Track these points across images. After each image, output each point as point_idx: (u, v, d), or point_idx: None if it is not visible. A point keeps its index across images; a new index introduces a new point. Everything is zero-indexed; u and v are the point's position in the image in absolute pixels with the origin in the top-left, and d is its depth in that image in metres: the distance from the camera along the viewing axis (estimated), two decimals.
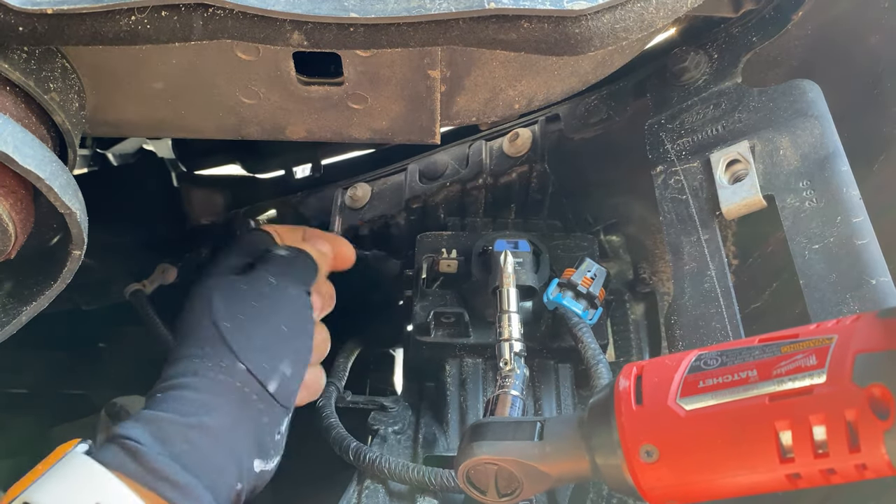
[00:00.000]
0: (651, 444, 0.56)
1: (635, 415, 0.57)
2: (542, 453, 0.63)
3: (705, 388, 0.55)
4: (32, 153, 0.60)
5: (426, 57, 0.71)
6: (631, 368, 0.60)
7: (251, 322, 0.81)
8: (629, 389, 0.58)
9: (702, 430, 0.54)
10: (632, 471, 0.57)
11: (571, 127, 1.03)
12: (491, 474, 0.65)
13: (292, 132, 0.81)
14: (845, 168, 0.76)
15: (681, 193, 0.84)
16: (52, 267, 0.70)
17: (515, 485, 0.64)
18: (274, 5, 0.64)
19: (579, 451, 0.61)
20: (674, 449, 0.55)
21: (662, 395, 0.56)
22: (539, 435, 0.63)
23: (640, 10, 0.68)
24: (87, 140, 1.18)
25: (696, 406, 0.54)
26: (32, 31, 0.64)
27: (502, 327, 0.83)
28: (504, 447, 0.64)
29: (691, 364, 0.57)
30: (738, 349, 0.55)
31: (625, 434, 0.57)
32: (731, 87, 0.88)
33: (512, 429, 0.65)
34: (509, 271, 0.86)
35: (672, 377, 0.56)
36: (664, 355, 0.61)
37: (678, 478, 0.55)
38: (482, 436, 0.65)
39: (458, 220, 1.07)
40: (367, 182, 1.13)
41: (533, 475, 0.63)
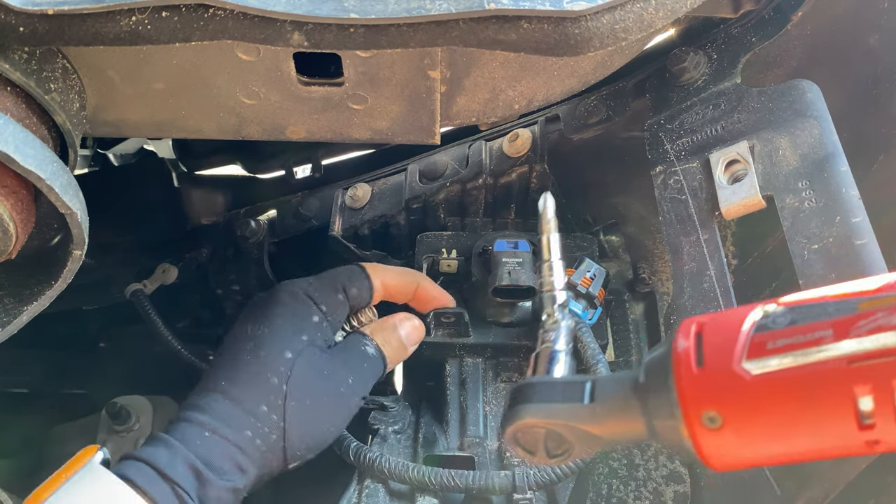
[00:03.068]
0: (714, 410, 0.52)
1: (696, 379, 0.52)
2: (592, 415, 0.59)
3: (774, 349, 0.50)
4: (33, 153, 0.60)
5: (426, 57, 0.71)
6: (689, 325, 0.55)
7: (313, 412, 0.80)
8: (689, 350, 0.53)
9: (771, 395, 0.50)
10: (692, 437, 0.53)
11: (571, 127, 1.03)
12: (540, 436, 0.62)
13: (292, 132, 0.81)
14: (844, 168, 0.76)
15: (680, 193, 0.84)
16: (52, 267, 0.70)
17: (566, 446, 0.61)
18: (274, 6, 0.64)
19: (634, 413, 0.57)
20: (739, 416, 0.51)
21: (726, 357, 0.52)
22: (590, 396, 0.60)
23: (640, 10, 0.68)
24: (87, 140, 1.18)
25: (764, 369, 0.50)
26: (33, 32, 0.64)
27: (543, 278, 0.76)
28: (552, 409, 0.61)
29: (757, 322, 0.52)
30: (810, 305, 0.51)
31: (685, 399, 0.53)
32: (730, 87, 0.89)
33: (560, 389, 0.62)
34: (550, 216, 0.78)
35: (736, 337, 0.52)
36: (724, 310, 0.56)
37: (743, 445, 0.52)
38: (528, 398, 0.62)
39: (458, 220, 1.07)
40: (367, 182, 1.13)
41: (583, 437, 0.60)
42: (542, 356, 0.71)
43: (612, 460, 0.90)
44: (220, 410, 0.76)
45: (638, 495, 0.86)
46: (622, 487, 0.88)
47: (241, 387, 0.78)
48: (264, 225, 1.23)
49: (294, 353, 0.80)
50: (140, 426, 1.11)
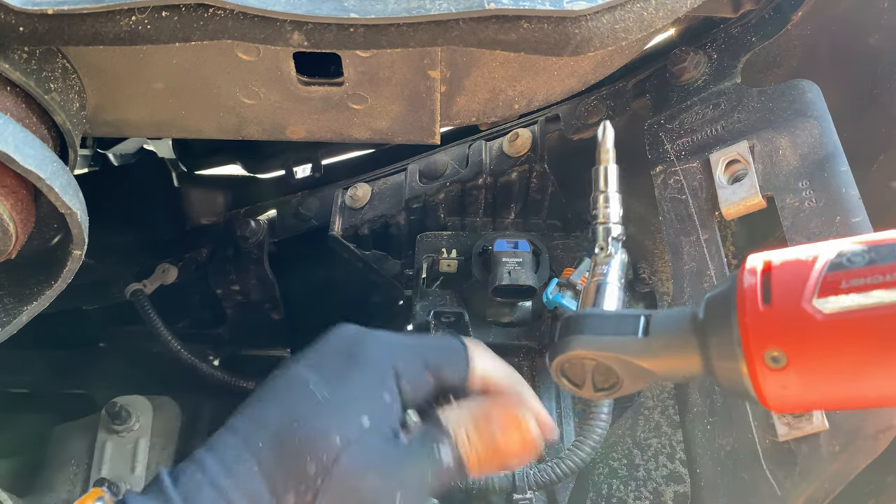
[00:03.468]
0: (779, 348, 0.49)
1: (762, 316, 0.50)
2: (647, 350, 0.57)
3: (849, 288, 0.48)
4: (33, 153, 0.60)
5: (426, 57, 0.71)
6: (756, 261, 0.53)
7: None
8: (756, 287, 0.51)
9: (842, 336, 0.48)
10: (752, 376, 0.51)
11: (571, 127, 1.03)
12: (588, 369, 0.60)
13: (292, 132, 0.81)
14: (844, 168, 0.76)
15: (680, 193, 0.84)
16: (52, 267, 0.70)
17: (614, 380, 0.59)
18: (274, 6, 0.64)
19: (690, 350, 0.55)
20: (806, 356, 0.49)
21: (796, 294, 0.49)
22: (644, 330, 0.58)
23: (640, 10, 0.68)
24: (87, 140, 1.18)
25: (837, 309, 0.48)
26: (33, 32, 0.64)
27: (598, 209, 0.73)
28: (605, 342, 0.59)
29: (831, 261, 0.50)
30: (890, 245, 0.49)
31: (748, 336, 0.50)
32: (730, 87, 0.89)
33: (613, 322, 0.60)
34: (608, 146, 0.74)
35: (807, 275, 0.49)
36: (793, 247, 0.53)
37: (806, 386, 0.50)
38: (580, 329, 0.60)
39: (458, 220, 1.07)
40: (367, 182, 1.13)
41: (635, 372, 0.58)
42: (593, 288, 0.68)
43: (613, 460, 0.90)
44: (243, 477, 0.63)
45: (638, 495, 0.86)
46: (622, 487, 0.88)
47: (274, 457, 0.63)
48: (264, 225, 1.23)
49: (345, 441, 0.63)
50: (140, 426, 1.11)
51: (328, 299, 1.29)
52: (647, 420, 0.92)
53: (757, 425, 0.69)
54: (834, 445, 0.64)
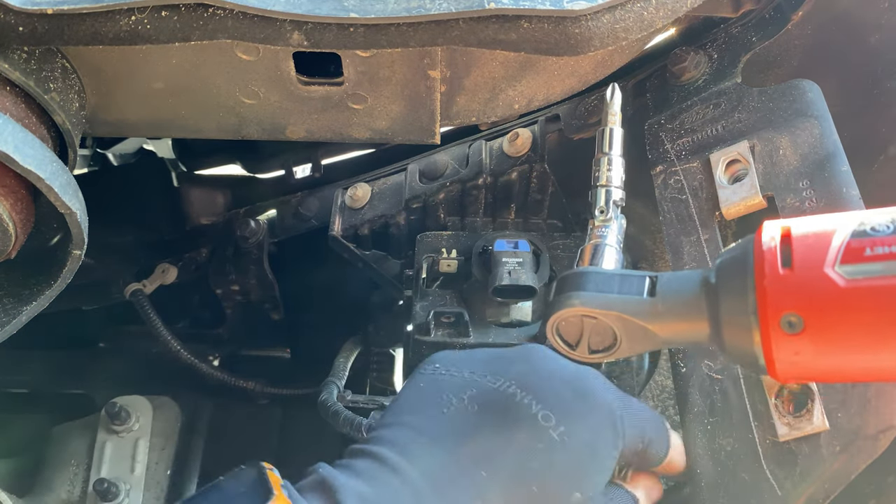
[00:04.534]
0: (797, 313, 0.48)
1: (781, 279, 0.49)
2: (653, 311, 0.55)
3: (874, 256, 0.47)
4: (33, 153, 0.60)
5: (426, 57, 0.71)
6: (774, 226, 0.52)
7: None
8: (775, 250, 0.50)
9: (864, 303, 0.47)
10: (765, 340, 0.49)
11: (571, 127, 1.03)
12: (586, 328, 0.57)
13: (292, 132, 0.81)
14: (845, 168, 0.76)
15: (680, 193, 0.84)
16: (52, 267, 0.70)
17: (610, 342, 0.57)
18: (274, 5, 0.64)
19: (699, 312, 0.54)
20: (825, 321, 0.48)
21: (817, 259, 0.48)
22: (649, 291, 0.56)
23: (640, 10, 0.68)
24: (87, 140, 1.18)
25: (861, 275, 0.47)
26: (32, 32, 0.64)
27: (600, 171, 0.71)
28: (609, 300, 0.56)
29: (854, 229, 0.49)
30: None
31: (765, 299, 0.49)
32: (730, 87, 0.88)
33: (617, 281, 0.57)
34: (615, 109, 0.73)
35: (829, 240, 0.48)
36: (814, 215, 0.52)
37: (820, 354, 0.49)
38: (581, 286, 0.57)
39: (458, 220, 1.07)
40: (367, 182, 1.13)
41: (636, 334, 0.56)
42: (590, 249, 0.66)
43: None
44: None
45: None
46: None
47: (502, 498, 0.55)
48: (264, 225, 1.23)
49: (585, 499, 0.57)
50: (139, 426, 1.11)
51: (328, 299, 1.29)
52: None
53: (757, 425, 0.68)
54: (834, 446, 0.64)
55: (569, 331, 0.58)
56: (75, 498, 1.08)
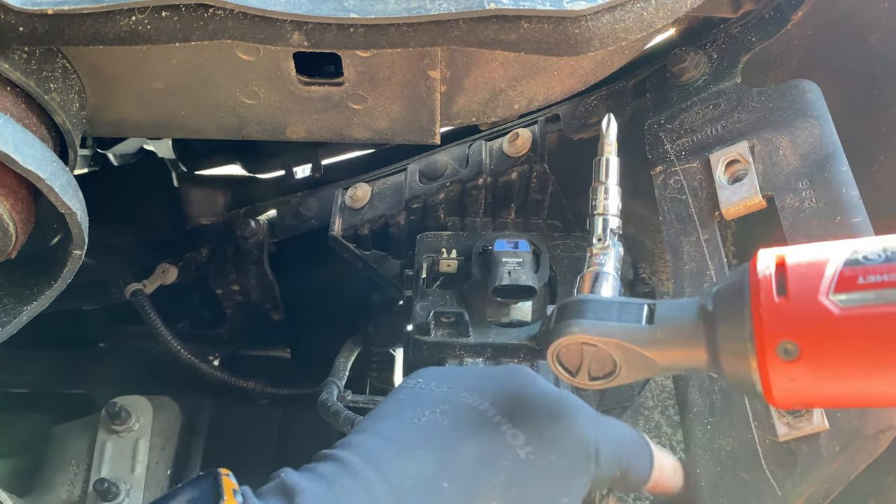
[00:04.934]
0: (793, 340, 0.49)
1: (777, 308, 0.50)
2: (652, 338, 0.56)
3: (867, 284, 0.48)
4: (33, 153, 0.60)
5: (426, 57, 0.71)
6: (769, 255, 0.52)
7: None
8: (770, 279, 0.51)
9: (858, 331, 0.48)
10: (762, 367, 0.50)
11: (571, 127, 1.03)
12: (586, 355, 0.58)
13: (292, 132, 0.81)
14: (845, 168, 0.76)
15: (680, 193, 0.84)
16: (52, 267, 0.70)
17: (610, 369, 0.58)
18: (274, 6, 0.64)
19: (696, 339, 0.55)
20: (820, 349, 0.49)
21: (812, 287, 0.49)
22: (647, 318, 0.57)
23: (640, 10, 0.68)
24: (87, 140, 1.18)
25: (854, 304, 0.48)
26: (33, 32, 0.64)
27: (597, 200, 0.72)
28: (608, 328, 0.57)
29: (846, 258, 0.50)
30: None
31: (762, 327, 0.50)
32: (730, 87, 0.88)
33: (616, 309, 0.58)
34: (611, 139, 0.73)
35: (823, 269, 0.49)
36: (807, 243, 0.53)
37: (816, 381, 0.50)
38: (580, 313, 0.58)
39: (458, 220, 1.07)
40: (367, 182, 1.13)
41: (635, 361, 0.57)
42: (590, 276, 0.66)
43: None
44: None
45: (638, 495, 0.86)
46: None
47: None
48: (264, 225, 1.23)
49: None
50: (140, 426, 1.12)
51: (328, 299, 1.29)
52: (647, 420, 0.92)
53: (757, 425, 0.69)
54: (834, 445, 0.64)
55: (569, 358, 0.59)
56: (75, 498, 1.08)
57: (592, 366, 0.59)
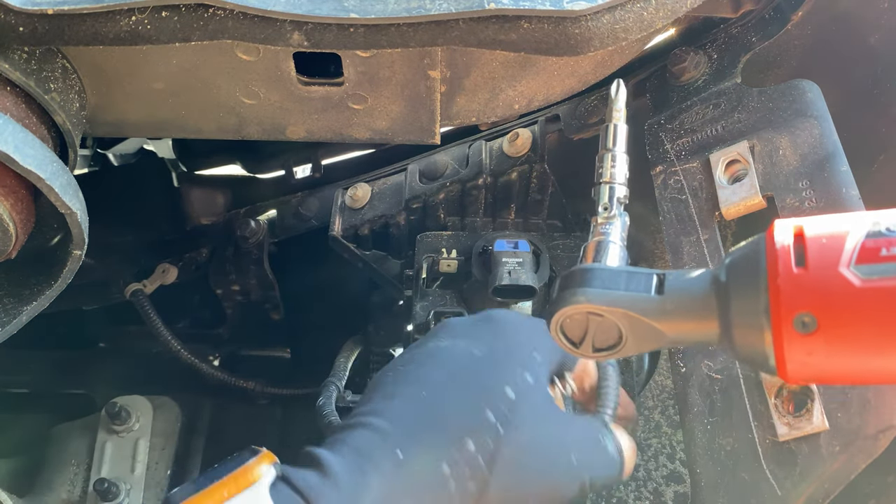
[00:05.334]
0: (811, 312, 0.48)
1: (795, 278, 0.48)
2: (661, 309, 0.55)
3: (889, 256, 0.47)
4: (33, 153, 0.60)
5: (426, 57, 0.71)
6: (787, 224, 0.51)
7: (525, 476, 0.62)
8: (788, 249, 0.49)
9: (880, 303, 0.47)
10: (777, 340, 0.49)
11: (571, 127, 1.03)
12: (591, 326, 0.57)
13: (292, 132, 0.81)
14: (845, 168, 0.76)
15: (680, 193, 0.84)
16: (52, 267, 0.70)
17: (615, 340, 0.57)
18: (274, 6, 0.64)
19: (708, 311, 0.53)
20: (839, 322, 0.48)
21: (832, 258, 0.48)
22: (657, 289, 0.55)
23: (640, 10, 0.68)
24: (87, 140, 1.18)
25: (877, 276, 0.47)
26: (33, 32, 0.64)
27: (603, 168, 0.70)
28: (616, 297, 0.55)
29: (868, 230, 0.48)
30: None
31: (779, 298, 0.49)
32: (730, 87, 0.88)
33: (624, 278, 0.56)
34: (620, 105, 0.72)
35: (844, 240, 0.48)
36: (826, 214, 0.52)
37: (833, 354, 0.49)
38: (588, 282, 0.56)
39: (458, 220, 1.07)
40: (367, 182, 1.13)
41: (643, 333, 0.55)
42: (594, 245, 0.65)
43: None
44: (418, 432, 0.60)
45: (638, 495, 0.86)
46: (622, 487, 0.88)
47: (448, 408, 0.61)
48: (264, 225, 1.23)
49: (517, 394, 0.63)
50: (140, 426, 1.11)
51: (328, 299, 1.29)
52: (648, 420, 0.92)
53: (757, 425, 0.69)
54: (834, 445, 0.64)
55: (573, 328, 0.58)
56: (75, 498, 1.08)
57: (597, 336, 0.57)
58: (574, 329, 0.58)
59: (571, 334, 0.58)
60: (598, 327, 0.57)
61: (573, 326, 0.58)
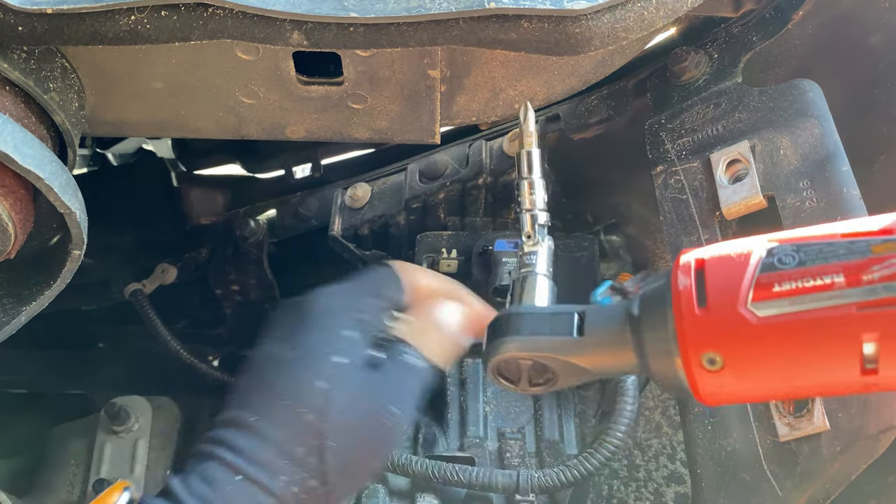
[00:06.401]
0: (716, 352, 0.50)
1: (699, 320, 0.51)
2: (581, 349, 0.58)
3: (782, 292, 0.49)
4: (32, 153, 0.60)
5: (426, 57, 0.71)
6: (689, 261, 0.53)
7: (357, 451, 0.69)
8: (690, 289, 0.52)
9: (776, 339, 0.49)
10: (689, 376, 0.52)
11: (572, 127, 1.02)
12: (524, 366, 0.61)
13: (292, 132, 0.81)
14: (846, 168, 0.76)
15: (681, 193, 0.84)
16: (51, 267, 0.70)
17: (549, 376, 0.60)
18: (274, 5, 0.64)
19: (625, 347, 0.56)
20: (743, 359, 0.50)
21: (731, 298, 0.50)
22: (578, 329, 0.58)
23: (641, 9, 0.68)
24: (86, 140, 1.18)
25: (771, 313, 0.49)
26: (32, 31, 0.63)
27: (522, 196, 0.71)
28: (539, 342, 0.59)
29: (763, 261, 0.50)
30: (819, 244, 0.49)
31: (685, 340, 0.51)
32: (731, 86, 0.88)
33: (548, 321, 0.60)
34: (530, 129, 0.72)
35: (741, 276, 0.50)
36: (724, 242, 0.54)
37: (744, 385, 0.51)
38: (515, 330, 0.60)
39: (458, 220, 1.07)
40: (367, 182, 1.13)
41: (570, 369, 0.59)
42: (528, 283, 0.68)
43: (613, 461, 0.90)
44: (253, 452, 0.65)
45: (639, 496, 0.86)
46: (623, 488, 0.88)
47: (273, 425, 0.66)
48: (264, 225, 1.23)
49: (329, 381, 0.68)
50: (139, 426, 1.11)
51: None
52: (648, 421, 0.92)
53: (758, 426, 0.68)
54: (835, 446, 0.64)
55: (509, 370, 0.62)
56: (75, 498, 1.08)
57: (532, 374, 0.61)
58: (510, 370, 0.62)
59: (509, 375, 0.62)
60: (531, 367, 0.61)
61: (508, 369, 0.62)
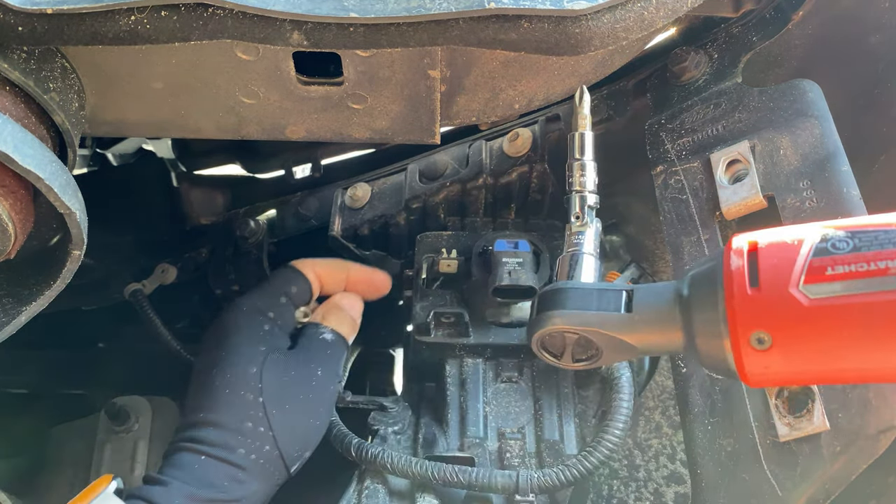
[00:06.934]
0: (765, 331, 0.51)
1: (749, 300, 0.51)
2: (629, 325, 0.59)
3: (834, 275, 0.49)
4: (32, 153, 0.60)
5: (426, 57, 0.71)
6: (742, 243, 0.54)
7: (295, 413, 0.84)
8: (743, 270, 0.52)
9: (827, 322, 0.50)
10: (736, 353, 0.52)
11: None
12: (569, 340, 0.62)
13: (292, 132, 0.81)
14: (846, 168, 0.76)
15: (681, 193, 0.84)
16: (51, 267, 0.70)
17: (593, 352, 0.61)
18: (274, 5, 0.64)
19: (673, 326, 0.57)
20: (791, 339, 0.51)
21: (783, 279, 0.51)
22: (626, 306, 0.59)
23: (641, 9, 0.68)
24: (86, 140, 1.18)
25: (823, 295, 0.49)
26: (32, 31, 0.63)
27: (573, 177, 0.72)
28: (586, 317, 0.60)
29: (816, 245, 0.51)
30: (874, 231, 0.50)
31: (735, 319, 0.52)
32: (731, 86, 0.88)
33: (595, 297, 0.61)
34: (585, 112, 0.73)
35: (794, 259, 0.51)
36: (778, 227, 0.55)
37: (789, 366, 0.52)
38: (560, 303, 0.61)
39: (458, 220, 1.07)
40: (367, 182, 1.13)
41: (615, 346, 0.60)
42: (569, 259, 0.69)
43: (613, 461, 0.90)
44: (210, 438, 0.79)
45: (639, 496, 0.86)
46: (623, 488, 0.88)
47: (220, 412, 0.80)
48: (264, 225, 1.23)
49: (257, 365, 0.84)
50: (139, 426, 1.11)
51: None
52: (648, 421, 0.92)
53: (758, 426, 0.68)
54: (835, 446, 0.64)
55: (553, 344, 0.63)
56: None
57: (576, 349, 0.62)
58: (554, 344, 0.63)
59: (552, 349, 0.63)
60: (576, 342, 0.62)
61: (553, 343, 0.63)
